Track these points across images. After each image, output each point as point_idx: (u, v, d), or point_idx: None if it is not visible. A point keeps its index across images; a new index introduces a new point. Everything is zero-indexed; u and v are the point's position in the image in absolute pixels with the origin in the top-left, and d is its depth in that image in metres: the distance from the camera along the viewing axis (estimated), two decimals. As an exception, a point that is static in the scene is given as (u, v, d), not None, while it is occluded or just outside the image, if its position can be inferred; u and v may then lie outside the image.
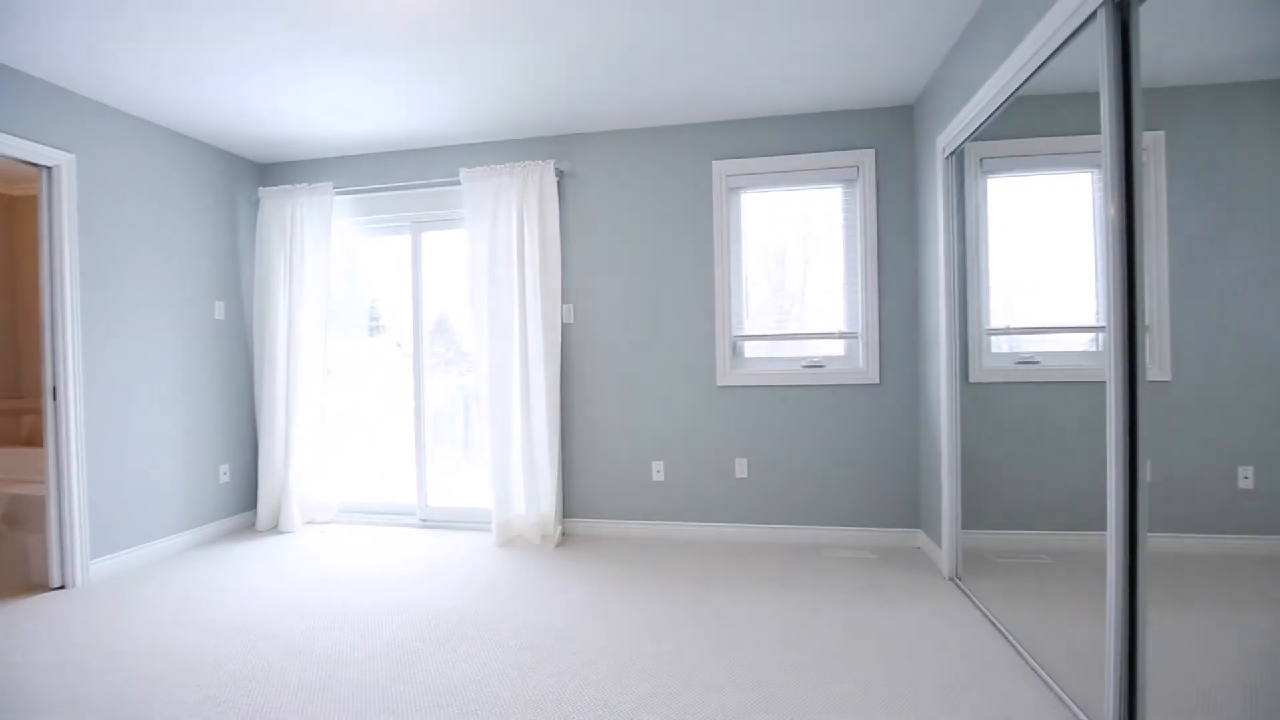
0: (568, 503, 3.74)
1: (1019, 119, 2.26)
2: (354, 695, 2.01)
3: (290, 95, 3.12)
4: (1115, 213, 1.57)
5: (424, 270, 4.02)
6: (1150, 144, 1.59)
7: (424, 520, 3.98)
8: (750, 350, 3.60)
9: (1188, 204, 1.57)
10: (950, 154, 2.78)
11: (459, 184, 3.76)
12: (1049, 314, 2.35)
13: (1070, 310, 2.17)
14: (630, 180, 3.66)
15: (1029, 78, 2.04)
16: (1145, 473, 1.53)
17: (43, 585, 2.96)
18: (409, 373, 4.07)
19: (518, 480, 3.60)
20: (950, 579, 2.87)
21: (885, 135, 3.39)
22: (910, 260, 3.37)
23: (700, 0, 2.39)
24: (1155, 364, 1.58)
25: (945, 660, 2.16)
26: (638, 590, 2.84)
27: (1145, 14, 1.51)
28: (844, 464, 3.45)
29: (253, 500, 4.06)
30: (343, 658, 2.25)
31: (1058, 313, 2.28)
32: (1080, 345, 2.12)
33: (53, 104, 2.93)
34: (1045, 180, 2.37)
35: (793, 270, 3.59)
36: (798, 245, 3.58)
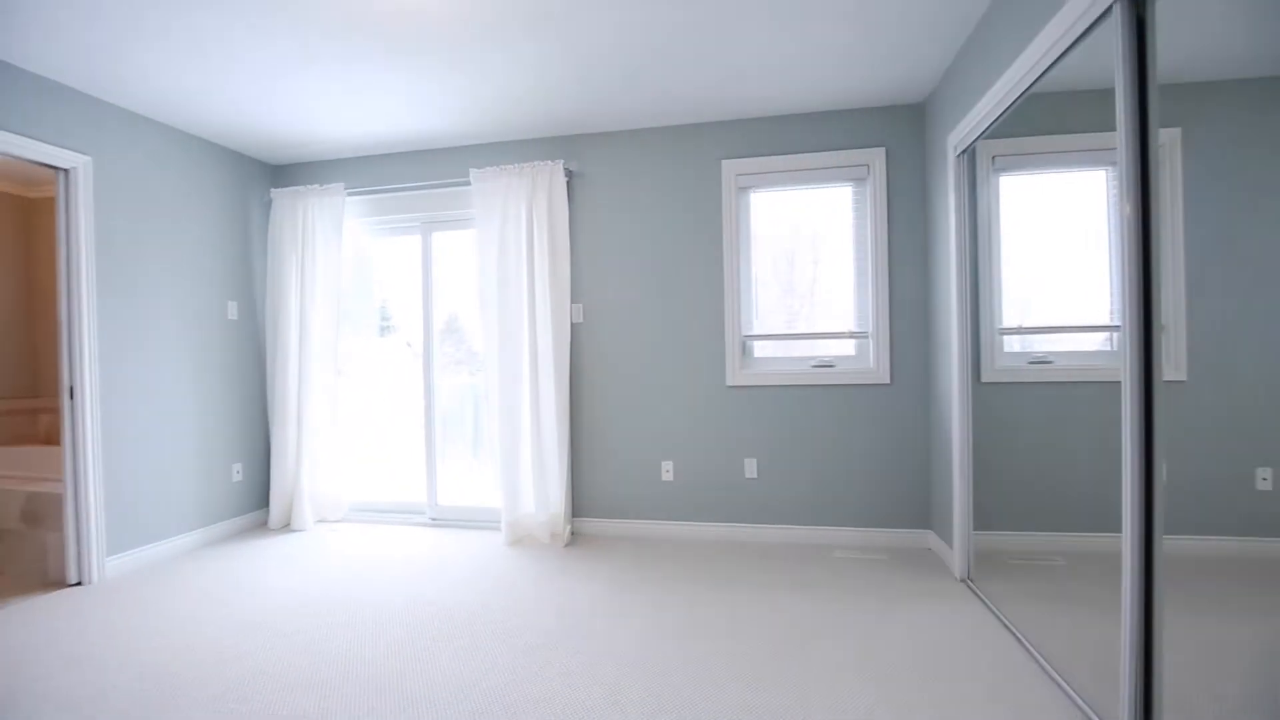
0: (577, 502, 3.75)
1: (1032, 116, 2.24)
2: (365, 692, 2.02)
3: (303, 98, 3.14)
4: (1131, 210, 1.55)
5: (434, 270, 4.04)
6: (1166, 141, 1.57)
7: (434, 519, 4.00)
8: (760, 350, 3.58)
9: (1205, 201, 1.55)
10: (962, 152, 2.76)
11: (469, 184, 3.77)
12: (1062, 313, 2.33)
13: (1084, 309, 2.15)
14: (639, 180, 3.66)
15: (1042, 75, 2.02)
16: (1161, 474, 1.51)
17: (60, 582, 3.00)
18: (419, 372, 4.09)
19: (527, 479, 3.61)
20: (962, 580, 2.85)
21: (896, 133, 3.37)
22: (921, 259, 3.35)
23: (710, 0, 2.39)
24: (1171, 364, 1.57)
25: (957, 662, 2.15)
26: (647, 590, 2.84)
27: (1161, 9, 1.49)
28: (854, 464, 3.43)
29: (265, 499, 4.10)
30: (354, 655, 2.27)
31: (1071, 312, 2.26)
32: (1094, 345, 2.10)
33: (70, 107, 2.97)
34: (1058, 178, 2.35)
35: (802, 269, 3.57)
36: (807, 244, 3.56)
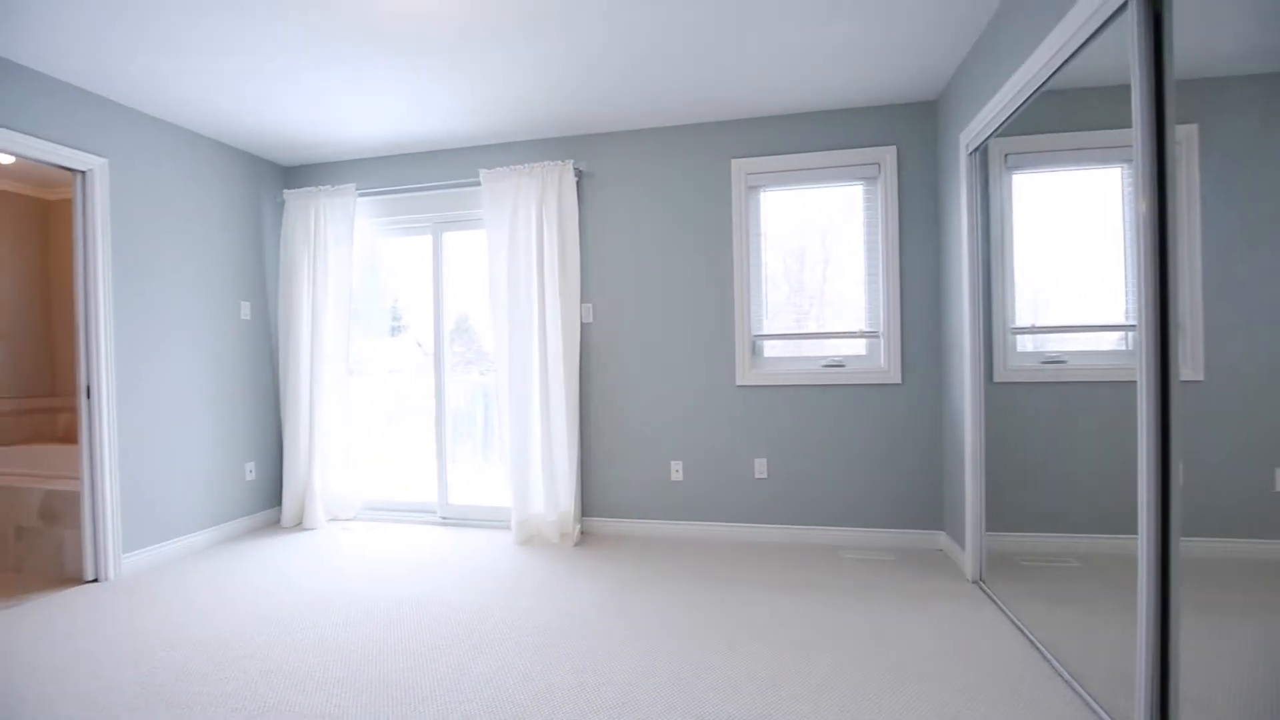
0: (586, 502, 3.75)
1: (1045, 114, 2.22)
2: (375, 690, 2.03)
3: (315, 99, 3.17)
4: (1147, 208, 1.54)
5: (444, 270, 4.06)
6: (1183, 137, 1.55)
7: (444, 518, 4.01)
8: (770, 350, 3.57)
9: (1222, 198, 1.53)
10: (974, 150, 2.73)
11: (479, 185, 3.79)
12: (1076, 312, 2.30)
13: (1098, 309, 2.12)
14: (649, 180, 3.66)
15: (1055, 71, 2.00)
16: (1178, 475, 1.49)
17: (77, 578, 3.05)
18: (430, 372, 4.11)
19: (537, 479, 3.62)
20: (974, 582, 2.82)
21: (907, 132, 3.35)
22: (932, 258, 3.32)
23: (719, -2, 2.38)
24: (1188, 363, 1.55)
25: (969, 665, 2.13)
26: (656, 590, 2.84)
27: (1178, 3, 1.47)
28: (864, 464, 3.41)
29: (277, 497, 4.14)
30: (365, 652, 2.28)
31: (1085, 311, 2.23)
32: (1108, 344, 2.08)
33: (87, 110, 3.01)
34: (1072, 176, 2.33)
35: (812, 269, 3.56)
36: (817, 243, 3.55)
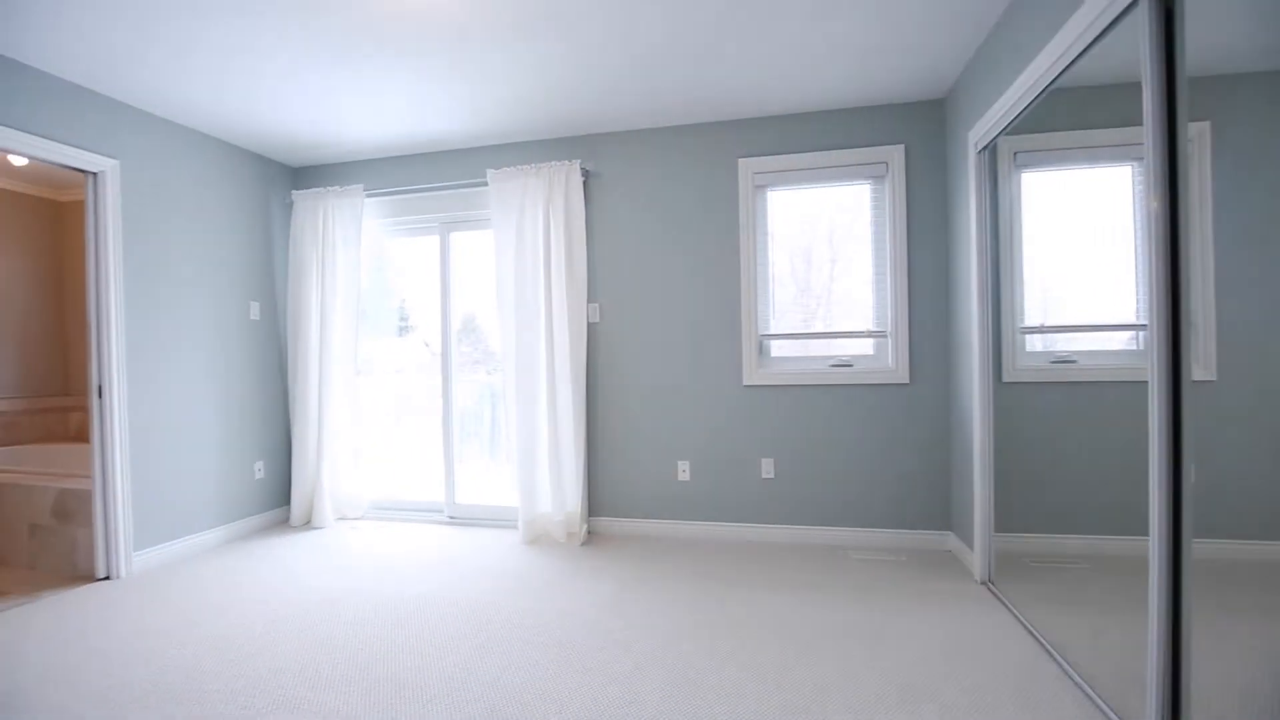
0: (593, 501, 3.75)
1: (1055, 111, 2.20)
2: (384, 688, 2.04)
3: (323, 100, 3.18)
4: (1158, 206, 1.52)
5: (452, 270, 4.07)
6: (1195, 134, 1.53)
7: (452, 517, 4.03)
8: (777, 349, 3.56)
9: (1235, 196, 1.51)
10: (983, 149, 2.71)
11: (486, 185, 3.80)
12: (1086, 312, 2.28)
13: (1109, 308, 2.10)
14: (656, 179, 3.65)
15: (1066, 68, 1.98)
16: (1190, 476, 1.47)
17: (89, 576, 3.08)
18: (437, 372, 4.12)
19: (544, 479, 3.62)
20: (982, 583, 2.81)
21: (915, 130, 3.33)
22: (941, 257, 3.30)
23: (726, -3, 2.37)
24: (1200, 363, 1.53)
25: (979, 667, 2.12)
26: (663, 590, 2.84)
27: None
28: (873, 465, 3.39)
29: (286, 496, 4.17)
30: (373, 651, 2.29)
31: (1095, 311, 2.21)
32: (1119, 344, 2.06)
33: (99, 112, 3.04)
34: (1082, 174, 2.30)
35: (820, 268, 3.54)
36: (825, 243, 3.53)
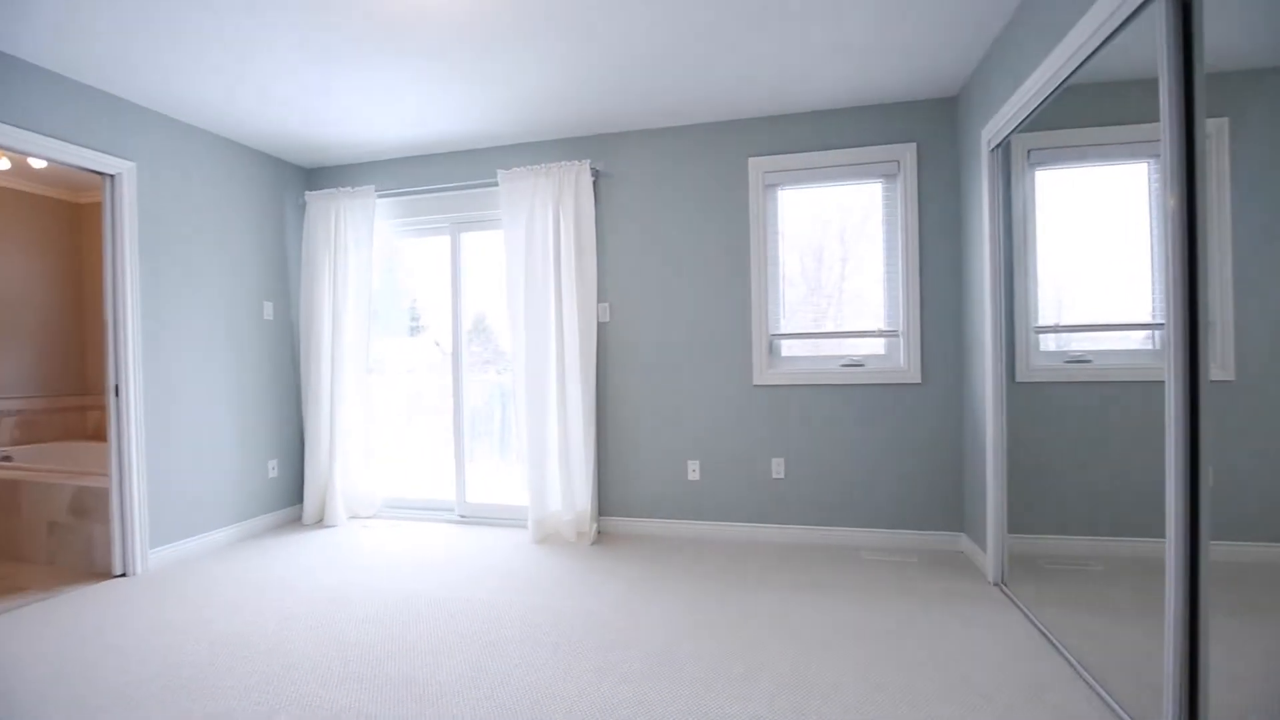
0: (603, 501, 3.76)
1: (1069, 108, 2.18)
2: (395, 686, 2.05)
3: (338, 102, 3.21)
4: (1175, 204, 1.50)
5: (462, 270, 4.09)
6: (1213, 131, 1.51)
7: (462, 516, 4.05)
8: (787, 349, 3.55)
9: (1254, 194, 1.49)
10: (996, 146, 2.69)
11: (496, 185, 3.81)
12: (1101, 311, 2.26)
13: (1124, 307, 2.08)
14: (666, 179, 3.65)
15: (1081, 65, 1.96)
16: (1207, 477, 1.45)
17: (106, 573, 3.12)
18: (448, 371, 4.14)
19: (554, 478, 3.63)
20: (995, 584, 2.78)
21: (927, 128, 3.31)
22: (953, 256, 3.28)
23: (736, -4, 2.37)
24: (1218, 363, 1.51)
25: (990, 668, 2.10)
26: (673, 590, 2.84)
27: (1208, -6, 1.43)
28: (884, 465, 3.37)
29: (299, 495, 4.20)
30: (385, 648, 2.31)
31: (1111, 310, 2.19)
32: (1134, 344, 2.04)
33: (115, 114, 3.08)
34: (1097, 172, 2.28)
35: (831, 267, 3.53)
36: (836, 242, 3.51)
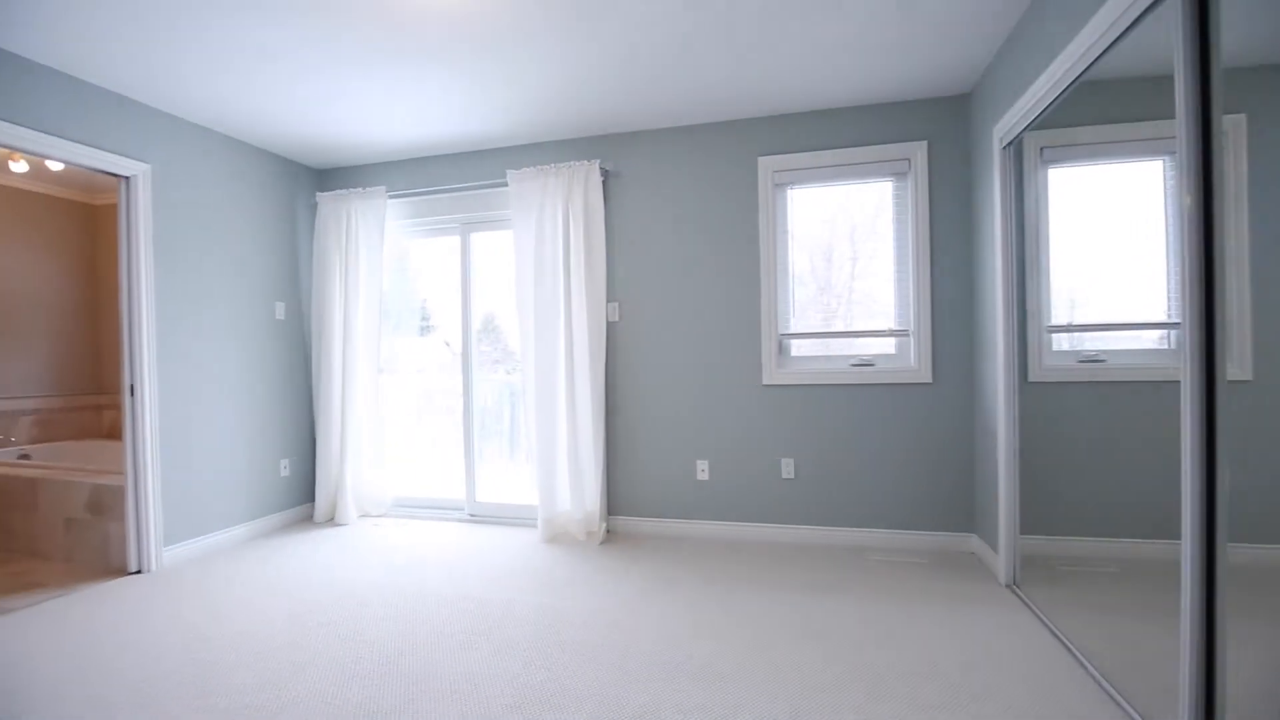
0: (612, 500, 3.76)
1: (1083, 105, 2.16)
2: (405, 683, 2.06)
3: (350, 104, 3.23)
4: (1192, 201, 1.48)
5: (472, 270, 4.10)
6: (1230, 127, 1.49)
7: (472, 515, 4.06)
8: (797, 349, 3.54)
9: (1272, 190, 1.47)
10: (1008, 144, 2.67)
11: (506, 185, 3.82)
12: (1115, 310, 2.24)
13: (1139, 306, 2.06)
14: (675, 178, 3.65)
15: (1095, 61, 1.94)
16: (1224, 478, 1.43)
17: (121, 569, 3.16)
18: (458, 371, 4.16)
19: (563, 477, 3.64)
20: (1007, 586, 2.76)
21: (938, 126, 3.28)
22: (965, 255, 3.25)
23: (745, -6, 2.36)
24: (1235, 362, 1.49)
25: (1002, 670, 2.08)
26: (682, 590, 2.83)
27: (1225, -12, 1.41)
28: (894, 465, 3.35)
29: (311, 493, 4.23)
30: (395, 647, 2.32)
31: (1125, 309, 2.17)
32: (1149, 343, 2.01)
33: (131, 117, 3.12)
34: (1111, 169, 2.26)
35: (841, 266, 3.51)
36: (846, 241, 3.49)
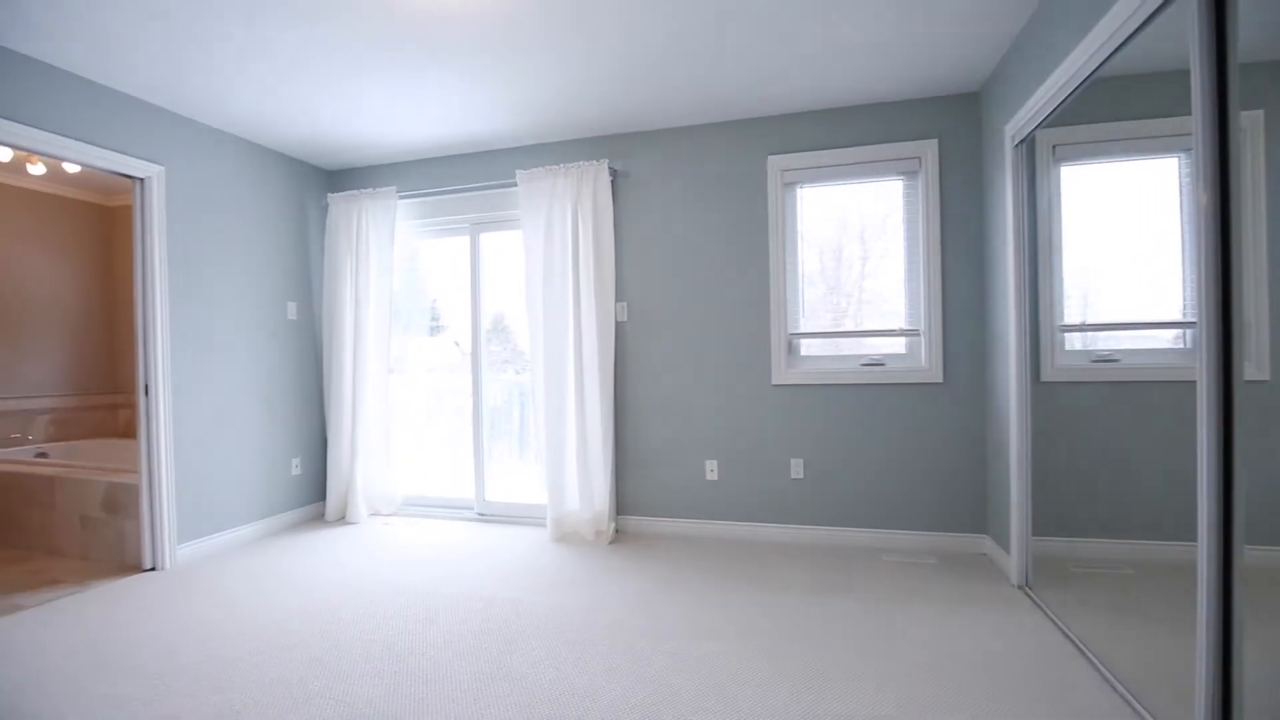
0: (621, 500, 3.76)
1: (1096, 102, 2.13)
2: (415, 682, 2.07)
3: (361, 105, 3.25)
4: (1208, 199, 1.46)
5: (482, 270, 4.12)
6: (1248, 124, 1.47)
7: (481, 514, 4.08)
8: (806, 348, 3.52)
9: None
10: (1020, 142, 2.64)
11: (515, 185, 3.83)
12: (1129, 309, 2.21)
13: (1153, 305, 2.03)
14: (685, 178, 3.64)
15: (1109, 57, 1.92)
16: (1241, 480, 1.41)
17: (136, 566, 3.20)
18: (467, 371, 4.17)
19: (572, 477, 3.64)
20: (1019, 588, 2.73)
21: (949, 124, 3.26)
22: (976, 254, 3.23)
23: (755, -7, 2.36)
24: (1253, 362, 1.47)
25: (1014, 673, 2.06)
26: (690, 590, 2.83)
27: (1243, -18, 1.39)
28: (905, 465, 3.33)
29: (322, 492, 4.26)
30: (405, 645, 2.33)
31: (1139, 308, 2.14)
32: (1163, 342, 1.99)
33: (145, 119, 3.15)
34: (1125, 167, 2.23)
35: (851, 266, 3.49)
36: (856, 240, 3.48)
